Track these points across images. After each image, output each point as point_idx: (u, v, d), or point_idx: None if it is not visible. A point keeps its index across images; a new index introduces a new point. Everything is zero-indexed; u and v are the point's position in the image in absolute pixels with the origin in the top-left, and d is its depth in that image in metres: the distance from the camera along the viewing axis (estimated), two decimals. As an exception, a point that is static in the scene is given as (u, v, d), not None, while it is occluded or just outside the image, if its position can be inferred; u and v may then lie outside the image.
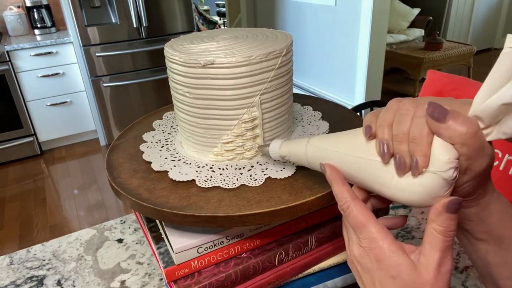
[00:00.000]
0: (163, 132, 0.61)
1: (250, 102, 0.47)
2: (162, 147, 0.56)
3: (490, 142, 0.28)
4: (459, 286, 0.58)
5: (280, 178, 0.47)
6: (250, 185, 0.46)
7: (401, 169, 0.29)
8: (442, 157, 0.27)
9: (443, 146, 0.27)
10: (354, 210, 0.32)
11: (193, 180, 0.48)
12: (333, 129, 0.57)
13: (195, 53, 0.47)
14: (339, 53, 2.80)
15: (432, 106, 0.27)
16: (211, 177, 0.48)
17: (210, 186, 0.46)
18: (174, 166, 0.51)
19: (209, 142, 0.50)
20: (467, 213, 0.32)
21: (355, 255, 0.33)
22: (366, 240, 0.31)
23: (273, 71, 0.47)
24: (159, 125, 0.63)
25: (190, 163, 0.51)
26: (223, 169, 0.49)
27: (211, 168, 0.50)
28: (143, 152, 0.55)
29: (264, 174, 0.47)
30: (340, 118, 0.61)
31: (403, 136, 0.29)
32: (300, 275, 0.52)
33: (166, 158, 0.53)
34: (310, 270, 0.52)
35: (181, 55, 0.47)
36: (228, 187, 0.46)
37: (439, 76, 1.15)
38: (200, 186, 0.46)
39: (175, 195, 0.46)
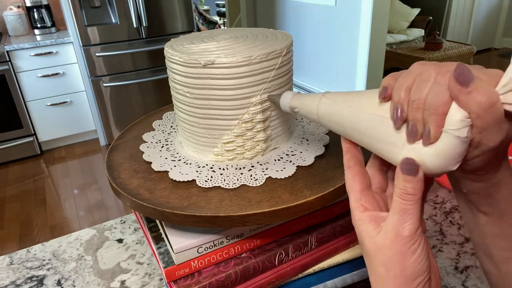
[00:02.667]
0: (163, 132, 0.61)
1: (251, 102, 0.47)
2: (162, 147, 0.56)
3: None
4: (459, 286, 0.58)
5: (281, 178, 0.47)
6: (250, 185, 0.46)
7: (412, 136, 0.28)
8: (454, 116, 0.26)
9: (457, 107, 0.26)
10: (346, 176, 0.34)
11: (194, 180, 0.47)
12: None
13: (195, 53, 0.47)
14: (339, 53, 2.80)
15: (460, 68, 0.26)
16: (211, 177, 0.48)
17: (211, 186, 0.46)
18: (174, 166, 0.51)
19: (209, 142, 0.50)
20: (475, 187, 0.31)
21: None
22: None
23: (274, 71, 0.47)
24: (159, 125, 0.63)
25: (190, 163, 0.51)
26: (223, 169, 0.49)
27: (211, 168, 0.50)
28: (143, 152, 0.55)
29: (265, 174, 0.47)
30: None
31: (419, 102, 0.27)
32: (300, 275, 0.52)
33: (166, 158, 0.53)
34: (310, 270, 0.52)
35: (181, 55, 0.47)
36: (229, 187, 0.46)
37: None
38: (200, 186, 0.46)
39: (175, 195, 0.46)
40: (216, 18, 5.93)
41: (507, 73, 0.25)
